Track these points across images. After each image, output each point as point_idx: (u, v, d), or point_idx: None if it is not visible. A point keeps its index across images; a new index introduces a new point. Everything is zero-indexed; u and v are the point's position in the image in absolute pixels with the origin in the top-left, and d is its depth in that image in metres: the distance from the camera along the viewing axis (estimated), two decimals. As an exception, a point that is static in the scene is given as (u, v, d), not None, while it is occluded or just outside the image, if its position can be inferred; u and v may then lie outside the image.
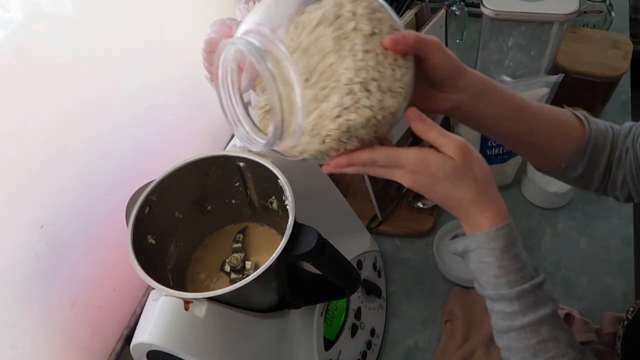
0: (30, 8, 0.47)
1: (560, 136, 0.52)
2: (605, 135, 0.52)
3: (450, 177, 0.42)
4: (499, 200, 0.45)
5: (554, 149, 0.52)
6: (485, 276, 0.44)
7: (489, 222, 0.43)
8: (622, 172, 0.52)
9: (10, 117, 0.47)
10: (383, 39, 0.40)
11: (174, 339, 0.44)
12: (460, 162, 0.42)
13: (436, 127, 0.43)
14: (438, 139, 0.42)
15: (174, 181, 0.55)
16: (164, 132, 0.70)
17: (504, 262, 0.43)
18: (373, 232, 0.81)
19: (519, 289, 0.43)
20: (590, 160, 0.52)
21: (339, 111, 0.38)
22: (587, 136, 0.51)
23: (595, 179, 0.54)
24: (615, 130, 0.53)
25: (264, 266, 0.45)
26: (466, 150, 0.42)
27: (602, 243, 0.81)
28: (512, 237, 0.44)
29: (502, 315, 0.44)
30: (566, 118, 0.52)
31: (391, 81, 0.39)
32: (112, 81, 0.60)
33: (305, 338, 0.59)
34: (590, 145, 0.51)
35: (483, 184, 0.43)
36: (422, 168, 0.42)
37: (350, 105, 0.38)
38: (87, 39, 0.54)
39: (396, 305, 0.76)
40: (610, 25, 1.08)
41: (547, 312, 0.43)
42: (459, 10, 1.12)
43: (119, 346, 0.66)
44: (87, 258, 0.60)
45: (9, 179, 0.48)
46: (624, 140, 0.52)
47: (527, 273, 0.43)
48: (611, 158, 0.53)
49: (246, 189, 0.60)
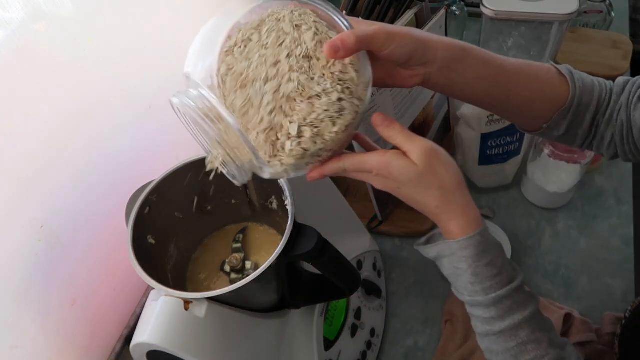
0: (30, 8, 0.47)
1: (541, 98, 0.49)
2: (592, 92, 0.50)
3: (414, 183, 0.42)
4: (468, 208, 0.43)
5: (534, 111, 0.50)
6: (461, 282, 0.44)
7: (458, 230, 0.43)
8: (611, 131, 0.50)
9: (10, 117, 0.47)
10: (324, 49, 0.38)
11: (174, 339, 0.44)
12: (423, 168, 0.41)
13: (403, 131, 0.42)
14: (403, 144, 0.42)
15: (174, 181, 0.55)
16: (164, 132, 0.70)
17: (477, 270, 0.42)
18: (373, 232, 0.81)
19: (495, 295, 0.42)
20: (573, 120, 0.50)
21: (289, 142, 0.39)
22: (572, 95, 0.49)
23: (578, 136, 0.52)
24: (604, 87, 0.50)
25: (264, 266, 0.45)
26: (431, 156, 0.41)
27: (602, 243, 0.81)
28: (485, 245, 0.43)
29: (480, 320, 0.44)
30: (548, 77, 0.49)
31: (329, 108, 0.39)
32: (112, 81, 0.60)
33: (305, 338, 0.59)
34: (575, 104, 0.49)
35: (449, 191, 0.42)
36: (386, 172, 0.42)
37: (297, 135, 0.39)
38: (87, 39, 0.54)
39: (396, 305, 0.76)
40: (610, 25, 1.08)
41: (526, 315, 0.42)
42: (459, 10, 1.12)
43: (119, 346, 0.65)
44: (87, 258, 0.60)
45: (9, 179, 0.48)
46: (617, 99, 0.50)
47: (503, 278, 0.43)
48: (597, 116, 0.50)
49: (246, 189, 0.60)
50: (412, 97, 0.76)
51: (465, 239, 0.42)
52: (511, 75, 0.48)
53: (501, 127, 0.79)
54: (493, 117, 0.78)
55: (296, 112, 0.39)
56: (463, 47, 0.45)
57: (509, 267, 0.44)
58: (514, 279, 0.43)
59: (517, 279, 0.43)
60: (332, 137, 0.39)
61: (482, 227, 0.43)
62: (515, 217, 0.86)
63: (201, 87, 0.40)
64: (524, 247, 0.81)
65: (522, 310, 0.43)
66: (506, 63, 0.48)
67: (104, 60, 0.58)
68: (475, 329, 0.46)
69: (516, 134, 0.81)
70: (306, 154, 0.39)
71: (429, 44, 0.43)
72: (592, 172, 0.90)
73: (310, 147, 0.39)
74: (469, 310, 0.45)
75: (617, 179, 0.89)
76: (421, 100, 0.80)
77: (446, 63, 0.44)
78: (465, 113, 0.80)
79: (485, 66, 0.47)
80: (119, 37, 0.59)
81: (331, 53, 0.38)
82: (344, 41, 0.38)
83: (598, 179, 0.90)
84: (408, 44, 0.41)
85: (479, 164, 0.85)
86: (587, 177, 0.89)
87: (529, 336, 0.42)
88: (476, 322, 0.45)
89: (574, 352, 0.44)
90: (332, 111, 0.39)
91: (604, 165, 0.91)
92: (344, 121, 0.39)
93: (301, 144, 0.39)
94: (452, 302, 0.74)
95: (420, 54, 0.43)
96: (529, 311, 0.43)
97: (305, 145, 0.39)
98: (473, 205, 0.44)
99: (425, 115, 0.84)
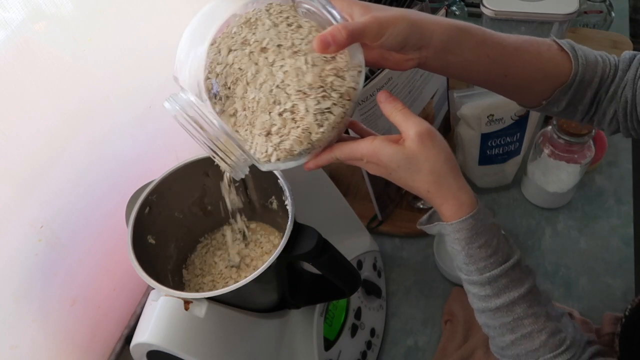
0: (30, 8, 0.47)
1: (541, 76, 0.48)
2: (595, 69, 0.48)
3: (403, 168, 0.42)
4: (460, 192, 0.43)
5: (533, 89, 0.49)
6: (457, 261, 0.45)
7: (450, 213, 0.43)
8: (614, 107, 0.49)
9: (10, 117, 0.47)
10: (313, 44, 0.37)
11: (174, 339, 0.44)
12: (413, 151, 0.41)
13: (402, 109, 0.42)
14: (401, 123, 0.42)
15: (174, 181, 0.55)
16: (164, 132, 0.70)
17: (471, 252, 0.43)
18: (373, 232, 0.81)
19: (489, 274, 0.43)
20: (574, 96, 0.49)
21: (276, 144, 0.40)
22: (574, 72, 0.47)
23: (578, 112, 0.51)
24: (608, 62, 0.49)
25: (264, 266, 0.45)
26: (424, 139, 0.41)
27: (602, 243, 0.81)
28: (478, 227, 0.43)
29: (477, 297, 0.45)
30: (550, 54, 0.48)
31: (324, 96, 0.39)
32: (112, 81, 0.60)
33: (305, 338, 0.59)
34: (577, 81, 0.48)
35: (441, 175, 0.42)
36: (375, 159, 0.42)
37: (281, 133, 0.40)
38: (87, 39, 0.54)
39: (396, 305, 0.76)
40: (610, 25, 1.08)
41: (522, 292, 0.43)
42: (459, 10, 1.12)
43: (119, 346, 0.66)
44: (87, 258, 0.60)
45: (9, 179, 0.48)
46: (622, 75, 0.48)
47: (498, 258, 0.43)
48: (599, 92, 0.49)
49: (246, 189, 0.60)
50: (412, 97, 0.76)
51: (457, 222, 0.43)
52: (511, 54, 0.46)
53: (501, 127, 0.79)
54: (493, 117, 0.78)
55: (284, 113, 0.39)
56: (461, 28, 0.44)
57: (505, 246, 0.44)
58: (509, 258, 0.43)
59: (512, 257, 0.43)
60: (318, 137, 0.40)
61: (475, 210, 0.43)
62: (515, 217, 0.86)
63: (187, 91, 0.41)
64: (524, 247, 0.81)
65: (518, 287, 0.43)
66: (506, 41, 0.46)
67: (104, 60, 0.58)
68: (472, 304, 0.46)
69: (516, 134, 0.81)
70: (294, 153, 0.40)
71: (425, 28, 0.42)
72: (592, 172, 0.90)
73: (296, 149, 0.40)
74: (466, 287, 0.46)
75: (617, 179, 0.89)
76: (421, 100, 0.80)
77: (443, 46, 0.43)
78: (465, 113, 0.80)
79: (483, 47, 0.45)
80: (119, 37, 0.59)
81: (321, 48, 0.36)
82: (335, 36, 0.36)
83: (598, 179, 0.90)
84: (402, 31, 0.40)
85: (479, 164, 0.85)
86: (587, 177, 0.89)
87: (526, 311, 0.43)
88: (472, 299, 0.46)
89: (569, 322, 0.45)
90: (317, 114, 0.39)
91: (604, 165, 0.91)
92: (330, 122, 0.39)
93: (288, 146, 0.39)
94: (452, 302, 0.74)
95: (415, 40, 0.41)
96: (525, 287, 0.43)
97: (292, 147, 0.39)
98: (466, 188, 0.43)
99: (425, 115, 0.84)
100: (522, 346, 0.43)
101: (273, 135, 0.40)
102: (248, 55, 0.41)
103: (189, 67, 0.42)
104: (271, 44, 0.40)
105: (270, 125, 0.40)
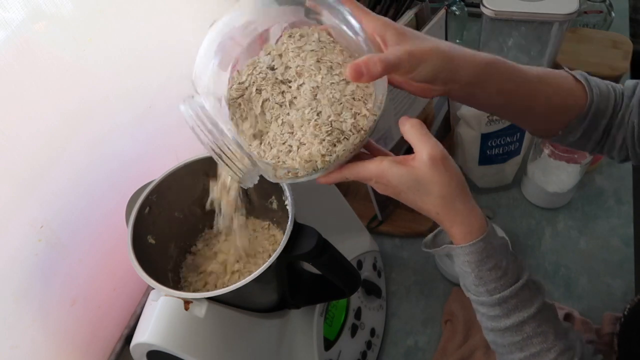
0: (30, 8, 0.47)
1: (561, 107, 0.49)
2: (608, 99, 0.49)
3: (413, 190, 0.41)
4: (469, 216, 0.43)
5: (554, 120, 0.50)
6: (467, 282, 0.45)
7: (460, 237, 0.43)
8: (623, 134, 0.50)
9: (10, 117, 0.47)
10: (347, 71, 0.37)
11: (174, 339, 0.44)
12: (423, 173, 0.40)
13: (418, 128, 0.41)
14: (416, 143, 0.41)
15: (174, 181, 0.55)
16: (164, 132, 0.70)
17: (481, 274, 0.43)
18: (373, 232, 0.81)
19: (499, 296, 0.42)
20: (589, 125, 0.50)
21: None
22: (590, 102, 0.48)
23: (592, 141, 0.51)
24: (618, 92, 0.50)
25: (264, 266, 0.45)
26: (437, 162, 0.40)
27: (602, 243, 0.81)
28: (488, 250, 0.42)
29: (485, 317, 0.44)
30: (568, 85, 0.49)
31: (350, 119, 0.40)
32: (112, 81, 0.60)
33: (305, 338, 0.59)
34: (592, 112, 0.49)
35: (450, 200, 0.42)
36: (384, 180, 0.42)
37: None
38: (87, 38, 0.54)
39: (396, 305, 0.76)
40: (610, 25, 1.08)
41: (531, 312, 0.43)
42: (459, 10, 1.12)
43: (119, 346, 0.66)
44: (87, 258, 0.60)
45: (9, 179, 0.48)
46: (628, 102, 0.50)
47: (508, 279, 0.43)
48: (611, 121, 0.50)
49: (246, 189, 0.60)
50: (412, 97, 0.76)
51: (467, 246, 0.42)
52: (534, 87, 0.47)
53: (501, 127, 0.79)
54: (493, 117, 0.78)
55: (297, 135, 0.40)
56: (488, 63, 0.44)
57: (514, 267, 0.44)
58: (519, 278, 0.43)
59: (522, 277, 0.43)
60: (325, 164, 0.40)
61: (485, 233, 0.42)
62: (515, 217, 0.86)
63: (203, 96, 0.41)
64: (524, 247, 0.81)
65: (527, 307, 0.43)
66: (529, 74, 0.47)
67: (104, 60, 0.58)
68: (480, 323, 0.46)
69: (516, 134, 0.81)
70: (297, 175, 0.41)
71: (456, 64, 0.42)
72: (592, 172, 0.90)
73: (302, 174, 0.40)
74: (475, 306, 0.45)
75: (617, 179, 0.89)
76: (421, 100, 0.80)
77: (470, 80, 0.43)
78: (465, 113, 0.80)
79: (508, 82, 0.46)
80: (119, 37, 0.59)
81: (354, 76, 0.36)
82: (369, 68, 0.36)
83: (598, 179, 0.90)
84: (434, 67, 0.41)
85: (479, 164, 0.85)
86: (587, 177, 0.89)
87: (535, 330, 0.43)
88: (481, 318, 0.45)
89: (576, 337, 0.45)
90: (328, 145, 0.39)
91: (604, 165, 0.91)
92: (339, 151, 0.40)
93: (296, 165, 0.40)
94: (452, 302, 0.74)
95: (445, 76, 0.42)
96: (534, 307, 0.43)
97: (298, 172, 0.40)
98: (476, 211, 0.43)
99: (425, 115, 0.84)
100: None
101: (282, 154, 0.40)
102: (273, 79, 0.41)
103: (210, 73, 0.42)
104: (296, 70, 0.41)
105: (281, 143, 0.40)
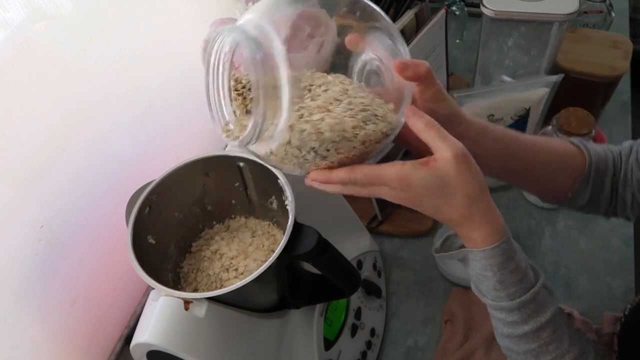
0: (30, 8, 0.47)
1: (560, 168, 0.51)
2: (606, 159, 0.52)
3: (437, 193, 0.39)
4: (493, 215, 0.41)
5: (555, 182, 0.52)
6: (485, 286, 0.44)
7: (483, 240, 0.41)
8: (631, 191, 0.52)
9: (10, 117, 0.47)
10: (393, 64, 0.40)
11: (174, 339, 0.44)
12: (448, 174, 0.38)
13: (435, 126, 0.39)
14: (435, 142, 0.39)
15: (174, 181, 0.55)
16: (164, 132, 0.70)
17: (503, 277, 0.42)
18: (373, 232, 0.81)
19: (520, 300, 0.42)
20: (594, 186, 0.52)
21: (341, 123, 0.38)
22: (588, 162, 0.51)
23: (602, 203, 0.53)
24: (615, 152, 0.53)
25: (264, 266, 0.45)
26: (462, 161, 0.38)
27: (602, 243, 0.81)
28: (510, 252, 0.42)
29: (502, 322, 0.44)
30: (563, 148, 0.52)
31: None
32: (112, 81, 0.60)
33: (305, 338, 0.59)
34: (593, 171, 0.51)
35: (475, 199, 0.40)
36: (404, 185, 0.39)
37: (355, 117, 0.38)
38: (87, 38, 0.54)
39: (396, 305, 0.76)
40: (610, 25, 1.08)
41: (548, 316, 0.42)
42: (459, 10, 1.12)
43: (119, 346, 0.66)
44: (87, 258, 0.60)
45: (9, 179, 0.48)
46: (627, 160, 0.52)
47: (526, 283, 0.42)
48: (615, 180, 0.52)
49: (246, 189, 0.60)
50: (412, 97, 0.76)
51: (490, 249, 0.41)
52: (528, 148, 0.50)
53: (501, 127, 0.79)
54: (493, 117, 0.78)
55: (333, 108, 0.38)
56: (480, 123, 0.47)
57: (530, 270, 0.43)
58: (537, 281, 0.43)
59: (539, 280, 0.43)
60: (349, 135, 0.38)
61: (507, 234, 0.42)
62: (515, 217, 0.86)
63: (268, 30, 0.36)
64: (524, 247, 0.81)
65: (544, 312, 0.42)
66: (521, 137, 0.50)
67: (104, 60, 0.58)
68: (495, 329, 0.46)
69: (516, 134, 0.81)
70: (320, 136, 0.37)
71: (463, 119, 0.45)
72: (592, 172, 0.90)
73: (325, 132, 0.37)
74: (490, 311, 0.45)
75: (617, 179, 0.89)
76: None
77: (475, 136, 0.45)
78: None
79: (501, 142, 0.48)
80: (119, 37, 0.59)
81: (400, 66, 0.39)
82: (417, 66, 0.40)
83: (598, 179, 0.90)
84: (452, 107, 0.44)
85: (479, 164, 0.85)
86: (587, 177, 0.89)
87: (551, 336, 0.42)
88: (497, 323, 0.45)
89: (589, 341, 0.45)
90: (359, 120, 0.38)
91: (604, 165, 0.91)
92: (370, 130, 0.38)
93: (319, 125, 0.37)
94: (452, 302, 0.74)
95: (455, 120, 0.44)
96: (550, 311, 0.43)
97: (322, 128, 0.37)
98: (497, 211, 0.42)
99: (425, 115, 0.84)
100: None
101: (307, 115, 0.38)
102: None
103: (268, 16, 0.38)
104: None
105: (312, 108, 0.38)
